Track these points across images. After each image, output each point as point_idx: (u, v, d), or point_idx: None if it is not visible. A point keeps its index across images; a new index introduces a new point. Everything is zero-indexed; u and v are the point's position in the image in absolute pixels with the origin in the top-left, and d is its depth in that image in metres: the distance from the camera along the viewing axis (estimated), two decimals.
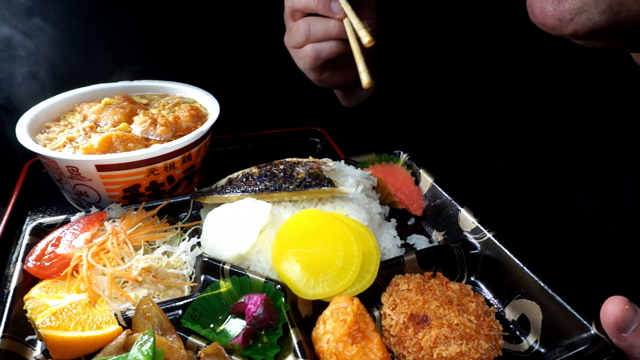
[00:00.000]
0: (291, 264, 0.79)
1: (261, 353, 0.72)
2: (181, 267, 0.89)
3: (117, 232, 0.89)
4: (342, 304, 0.71)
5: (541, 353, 0.76)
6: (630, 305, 0.64)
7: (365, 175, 1.07)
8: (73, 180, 1.01)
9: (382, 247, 0.95)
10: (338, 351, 0.66)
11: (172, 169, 1.07)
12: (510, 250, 0.84)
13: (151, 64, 1.48)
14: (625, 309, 0.64)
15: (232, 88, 1.48)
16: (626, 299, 0.66)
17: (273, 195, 0.93)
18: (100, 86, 1.28)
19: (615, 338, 0.66)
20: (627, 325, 0.64)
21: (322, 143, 1.54)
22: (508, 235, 0.88)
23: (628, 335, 0.65)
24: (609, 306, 0.66)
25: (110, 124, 1.13)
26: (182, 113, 1.17)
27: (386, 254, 0.95)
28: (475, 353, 0.70)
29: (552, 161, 1.14)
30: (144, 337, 0.64)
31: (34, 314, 0.72)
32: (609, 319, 0.66)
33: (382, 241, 0.96)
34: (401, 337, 0.73)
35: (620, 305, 0.64)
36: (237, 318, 0.77)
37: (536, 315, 0.78)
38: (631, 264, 0.98)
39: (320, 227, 0.84)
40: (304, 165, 0.99)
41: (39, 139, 1.07)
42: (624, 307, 0.64)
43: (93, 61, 1.40)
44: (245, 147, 1.52)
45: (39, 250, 0.84)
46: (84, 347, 0.69)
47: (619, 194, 1.01)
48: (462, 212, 0.96)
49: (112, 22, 1.41)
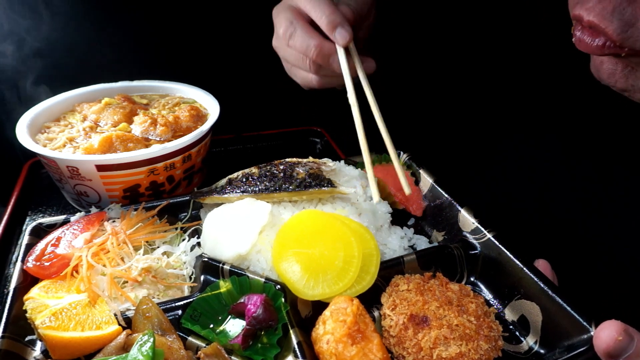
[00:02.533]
0: (291, 265, 0.79)
1: (261, 353, 0.72)
2: (181, 268, 0.89)
3: (117, 232, 0.89)
4: (341, 304, 0.71)
5: (541, 354, 0.76)
6: (624, 335, 0.62)
7: (366, 175, 1.07)
8: (73, 180, 1.02)
9: (388, 248, 0.95)
10: (338, 352, 0.66)
11: (172, 169, 1.07)
12: (510, 250, 0.84)
13: (151, 64, 1.48)
14: (619, 340, 0.62)
15: (232, 88, 1.48)
16: (622, 325, 0.64)
17: (273, 195, 0.93)
18: (100, 86, 1.28)
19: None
20: (620, 353, 0.63)
21: (322, 143, 1.54)
22: (508, 236, 0.88)
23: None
24: (602, 333, 0.64)
25: (110, 124, 1.13)
26: (182, 113, 1.17)
27: (392, 255, 0.94)
28: (475, 354, 0.70)
29: (552, 161, 1.14)
30: (143, 338, 0.64)
31: (33, 314, 0.72)
32: (600, 345, 0.64)
33: (389, 242, 0.96)
34: (401, 337, 0.73)
35: (614, 335, 0.62)
36: (237, 318, 0.77)
37: (536, 316, 0.78)
38: (631, 264, 0.98)
39: (320, 227, 0.84)
40: (303, 165, 0.99)
41: (39, 139, 1.07)
42: (618, 338, 0.62)
43: (93, 61, 1.40)
44: (245, 147, 1.52)
45: (38, 251, 0.84)
46: (83, 347, 0.69)
47: (619, 194, 1.01)
48: (462, 213, 0.96)
49: (112, 22, 1.41)
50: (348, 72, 0.95)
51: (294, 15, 0.96)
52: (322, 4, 0.93)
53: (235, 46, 1.59)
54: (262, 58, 1.61)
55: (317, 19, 0.94)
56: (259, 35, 1.57)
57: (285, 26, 0.97)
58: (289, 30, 0.96)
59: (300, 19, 0.96)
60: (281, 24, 0.98)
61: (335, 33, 0.93)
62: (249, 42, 1.59)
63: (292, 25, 0.96)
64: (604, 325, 0.65)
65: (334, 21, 0.92)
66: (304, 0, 0.95)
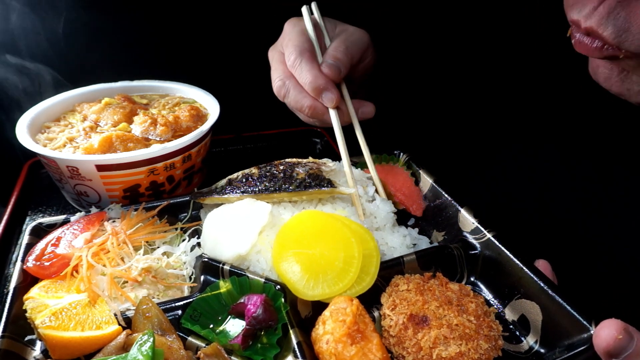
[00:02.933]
0: (291, 265, 0.79)
1: (261, 353, 0.72)
2: (181, 268, 0.89)
3: (117, 232, 0.89)
4: (341, 304, 0.71)
5: (541, 353, 0.76)
6: (625, 334, 0.62)
7: (366, 175, 1.07)
8: (73, 180, 1.02)
9: (391, 247, 0.95)
10: (337, 352, 0.66)
11: (172, 169, 1.07)
12: (510, 250, 0.84)
13: (151, 64, 1.48)
14: (619, 338, 0.62)
15: (232, 88, 1.48)
16: (622, 324, 0.63)
17: (273, 195, 0.93)
18: (100, 86, 1.29)
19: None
20: (619, 352, 0.62)
21: (322, 143, 1.54)
22: (508, 236, 0.88)
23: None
24: (602, 332, 0.64)
25: (110, 124, 1.13)
26: (182, 113, 1.17)
27: (394, 254, 0.94)
28: (475, 353, 0.70)
29: (552, 161, 1.14)
30: (143, 337, 0.64)
31: (33, 313, 0.72)
32: (600, 344, 0.64)
33: (390, 240, 0.96)
34: (401, 337, 0.73)
35: (614, 333, 0.62)
36: (237, 318, 0.77)
37: (536, 315, 0.78)
38: (631, 264, 0.98)
39: (320, 228, 0.84)
40: (303, 165, 0.99)
41: (39, 139, 1.07)
42: (618, 337, 0.62)
43: (93, 61, 1.40)
44: (245, 147, 1.52)
45: (38, 250, 0.84)
46: (83, 347, 0.69)
47: (619, 194, 1.01)
48: (462, 213, 0.96)
49: (112, 22, 1.41)
50: (339, 127, 1.00)
51: (284, 74, 1.01)
52: (304, 70, 0.97)
53: (235, 46, 1.59)
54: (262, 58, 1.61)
55: (303, 85, 0.98)
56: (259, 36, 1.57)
57: (278, 86, 1.02)
58: (282, 91, 1.02)
59: (291, 77, 1.00)
60: (275, 80, 1.02)
61: (322, 98, 0.97)
62: (248, 42, 1.59)
63: (285, 86, 1.01)
64: (604, 324, 0.65)
65: (318, 87, 0.96)
66: (289, 62, 0.99)
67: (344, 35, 1.05)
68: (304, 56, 0.97)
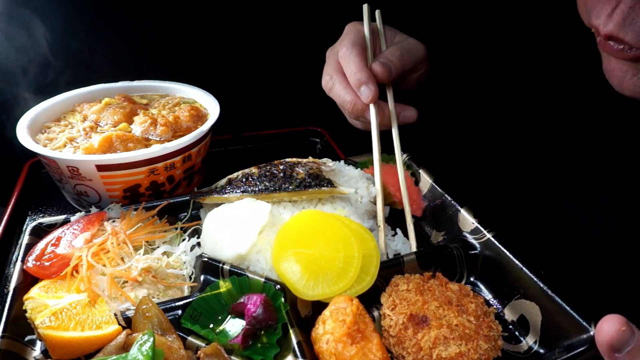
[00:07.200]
0: (291, 265, 0.79)
1: (260, 353, 0.72)
2: (181, 267, 0.89)
3: (117, 232, 0.89)
4: (341, 304, 0.71)
5: (540, 354, 0.76)
6: (627, 327, 0.61)
7: (366, 175, 1.07)
8: (73, 180, 1.02)
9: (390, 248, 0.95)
10: (337, 351, 0.66)
11: (172, 169, 1.07)
12: (510, 250, 0.84)
13: (151, 64, 1.48)
14: (622, 330, 0.61)
15: (232, 88, 1.49)
16: (624, 319, 0.63)
17: (273, 195, 0.93)
18: (100, 86, 1.29)
19: (608, 358, 0.63)
20: (622, 346, 0.61)
21: (322, 143, 1.54)
22: (508, 236, 0.88)
23: (622, 356, 0.62)
24: (604, 325, 0.63)
25: (111, 124, 1.13)
26: (182, 113, 1.18)
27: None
28: (475, 353, 0.70)
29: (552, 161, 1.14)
30: (143, 337, 0.64)
31: (33, 313, 0.72)
32: (603, 338, 0.63)
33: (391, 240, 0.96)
34: (400, 337, 0.73)
35: (617, 326, 0.61)
36: (237, 318, 0.77)
37: (535, 315, 0.78)
38: (631, 264, 0.98)
39: (320, 227, 0.84)
40: (303, 165, 0.99)
41: (40, 139, 1.07)
42: (621, 329, 0.61)
43: (93, 61, 1.40)
44: (245, 147, 1.52)
45: (38, 250, 0.84)
46: (83, 347, 0.69)
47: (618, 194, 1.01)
48: (461, 213, 0.96)
49: (112, 21, 1.41)
50: (376, 126, 1.00)
51: (334, 69, 1.04)
52: (351, 61, 0.99)
53: (235, 46, 1.60)
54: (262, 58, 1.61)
55: (347, 76, 1.01)
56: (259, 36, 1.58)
57: (326, 80, 1.06)
58: (329, 84, 1.05)
59: (339, 72, 1.03)
60: (324, 75, 1.06)
61: (360, 91, 0.98)
62: (249, 42, 1.59)
63: (332, 80, 1.04)
64: (606, 318, 0.64)
65: (359, 80, 0.97)
66: (341, 53, 1.02)
67: (401, 43, 1.07)
68: (354, 49, 1.00)
